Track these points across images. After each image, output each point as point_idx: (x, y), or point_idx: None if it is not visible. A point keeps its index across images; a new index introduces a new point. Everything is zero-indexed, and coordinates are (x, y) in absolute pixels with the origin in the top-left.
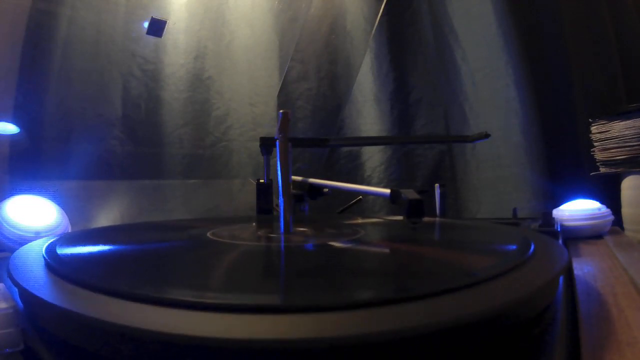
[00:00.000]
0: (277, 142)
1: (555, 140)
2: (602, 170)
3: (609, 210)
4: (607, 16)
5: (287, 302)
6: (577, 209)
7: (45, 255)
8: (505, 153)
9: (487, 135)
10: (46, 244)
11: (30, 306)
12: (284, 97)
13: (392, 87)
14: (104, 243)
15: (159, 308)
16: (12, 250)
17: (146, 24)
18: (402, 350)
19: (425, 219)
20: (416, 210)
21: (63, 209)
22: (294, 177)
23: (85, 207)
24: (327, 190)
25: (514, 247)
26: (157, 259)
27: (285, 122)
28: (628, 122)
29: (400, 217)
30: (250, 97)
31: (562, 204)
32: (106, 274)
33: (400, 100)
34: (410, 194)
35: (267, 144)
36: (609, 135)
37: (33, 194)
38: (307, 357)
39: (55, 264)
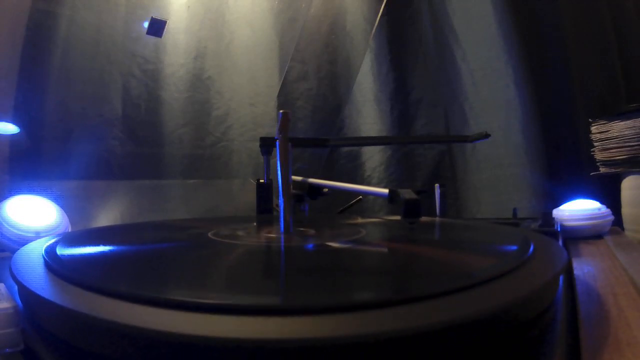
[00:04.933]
0: (277, 142)
1: (555, 140)
2: (602, 170)
3: (609, 210)
4: (607, 16)
5: (287, 302)
6: (577, 209)
7: (45, 256)
8: (505, 153)
9: (487, 135)
10: (46, 244)
11: (31, 306)
12: (284, 97)
13: (392, 87)
14: (104, 243)
15: (160, 308)
16: (13, 250)
17: (146, 24)
18: (401, 350)
19: (425, 219)
20: (413, 210)
21: (63, 209)
22: (294, 177)
23: (85, 207)
24: (327, 190)
25: (513, 247)
26: (158, 259)
27: (285, 122)
28: (628, 122)
29: (399, 217)
30: (250, 97)
31: (562, 204)
32: (106, 274)
33: (400, 100)
34: (407, 193)
35: (267, 144)
36: (609, 135)
37: (33, 194)
38: (306, 357)
39: (55, 264)
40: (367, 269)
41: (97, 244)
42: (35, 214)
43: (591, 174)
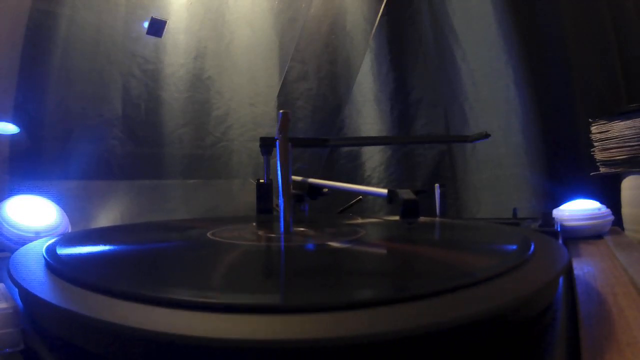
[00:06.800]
0: (277, 142)
1: (555, 140)
2: (602, 170)
3: (609, 210)
4: (607, 16)
5: (287, 302)
6: (577, 209)
7: (45, 256)
8: (505, 153)
9: (487, 135)
10: (46, 244)
11: (30, 306)
12: (284, 97)
13: (392, 87)
14: (104, 243)
15: (159, 308)
16: (12, 250)
17: (146, 24)
18: (401, 350)
19: (426, 219)
20: (411, 210)
21: (63, 209)
22: (294, 177)
23: (85, 207)
24: (327, 190)
25: (514, 247)
26: (157, 259)
27: (285, 122)
28: (628, 122)
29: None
30: (250, 97)
31: (562, 204)
32: (106, 274)
33: (400, 100)
34: (406, 194)
35: (267, 144)
36: (609, 135)
37: (33, 194)
38: (306, 357)
39: (55, 264)
40: (366, 268)
41: (97, 244)
42: (35, 214)
43: (591, 174)
